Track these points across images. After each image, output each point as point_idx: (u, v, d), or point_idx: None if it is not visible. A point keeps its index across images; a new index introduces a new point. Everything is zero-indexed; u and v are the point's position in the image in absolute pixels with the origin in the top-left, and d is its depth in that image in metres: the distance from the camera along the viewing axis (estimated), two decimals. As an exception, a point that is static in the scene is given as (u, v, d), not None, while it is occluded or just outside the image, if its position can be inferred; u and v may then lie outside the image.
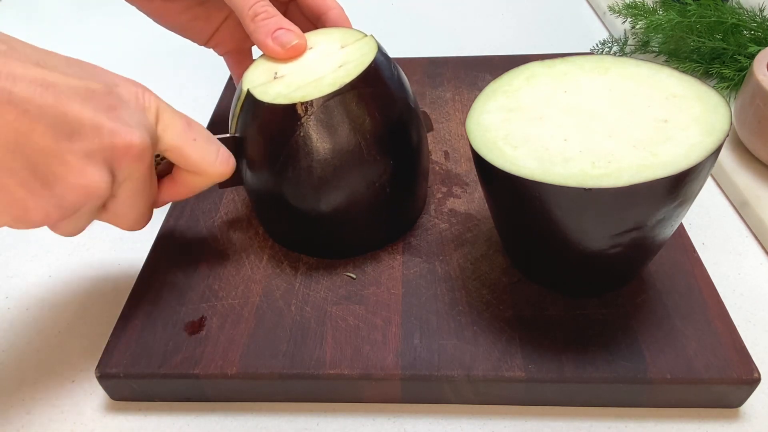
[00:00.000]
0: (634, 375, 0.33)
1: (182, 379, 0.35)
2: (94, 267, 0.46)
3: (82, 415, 0.36)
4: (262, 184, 0.39)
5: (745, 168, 0.49)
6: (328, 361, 0.35)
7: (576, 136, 0.32)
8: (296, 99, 0.35)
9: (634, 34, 0.67)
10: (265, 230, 0.43)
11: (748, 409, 0.35)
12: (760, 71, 0.47)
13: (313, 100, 0.35)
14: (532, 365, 0.34)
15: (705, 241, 0.45)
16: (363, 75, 0.36)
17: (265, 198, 0.40)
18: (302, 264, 0.41)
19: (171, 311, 0.38)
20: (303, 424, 0.35)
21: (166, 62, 0.71)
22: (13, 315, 0.42)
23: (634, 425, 0.34)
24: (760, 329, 0.39)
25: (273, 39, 0.38)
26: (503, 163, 0.31)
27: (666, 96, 0.34)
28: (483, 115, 0.35)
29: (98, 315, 0.42)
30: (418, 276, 0.40)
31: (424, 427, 0.35)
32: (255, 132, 0.37)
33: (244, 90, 0.37)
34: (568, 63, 0.37)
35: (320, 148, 0.36)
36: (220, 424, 0.35)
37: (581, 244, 0.33)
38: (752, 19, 0.59)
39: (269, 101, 0.36)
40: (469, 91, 0.57)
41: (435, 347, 0.35)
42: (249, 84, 0.37)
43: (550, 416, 0.35)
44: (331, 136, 0.36)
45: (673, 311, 0.36)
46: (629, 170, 0.29)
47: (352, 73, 0.36)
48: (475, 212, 0.44)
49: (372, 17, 0.80)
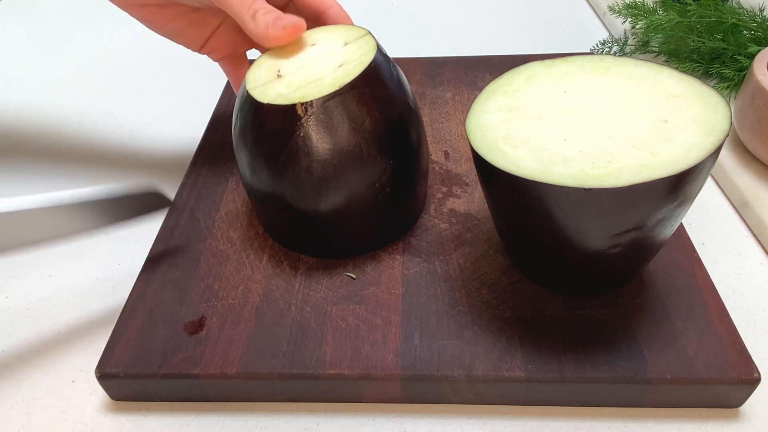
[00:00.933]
0: (634, 375, 0.33)
1: (182, 379, 0.35)
2: (94, 267, 0.46)
3: (82, 415, 0.36)
4: (263, 185, 0.39)
5: (745, 168, 0.49)
6: (328, 361, 0.35)
7: (576, 136, 0.32)
8: (296, 99, 0.35)
9: (634, 34, 0.67)
10: (265, 230, 0.43)
11: (748, 409, 0.35)
12: (760, 71, 0.47)
13: (313, 100, 0.35)
14: (532, 365, 0.34)
15: (705, 241, 0.45)
16: (363, 75, 0.36)
17: (265, 198, 0.40)
18: (302, 264, 0.41)
19: (171, 311, 0.38)
20: (303, 424, 0.35)
21: (166, 62, 0.71)
22: (13, 315, 0.42)
23: (634, 425, 0.34)
24: (760, 329, 0.39)
25: (273, 26, 0.39)
26: (503, 163, 0.31)
27: (666, 96, 0.34)
28: (483, 115, 0.35)
29: (98, 315, 0.42)
30: (418, 276, 0.40)
31: (424, 427, 0.35)
32: (255, 132, 0.37)
33: (245, 90, 0.37)
34: (568, 63, 0.37)
35: (320, 148, 0.36)
36: (220, 424, 0.35)
37: (581, 244, 0.33)
38: (752, 19, 0.59)
39: (269, 102, 0.36)
40: (469, 91, 0.57)
41: (435, 347, 0.35)
42: (250, 84, 0.37)
43: (550, 416, 0.35)
44: (331, 137, 0.36)
45: (673, 311, 0.36)
46: (629, 170, 0.29)
47: (351, 73, 0.36)
48: (475, 212, 0.44)
49: (372, 17, 0.80)
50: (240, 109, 0.38)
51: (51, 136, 0.58)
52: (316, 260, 0.41)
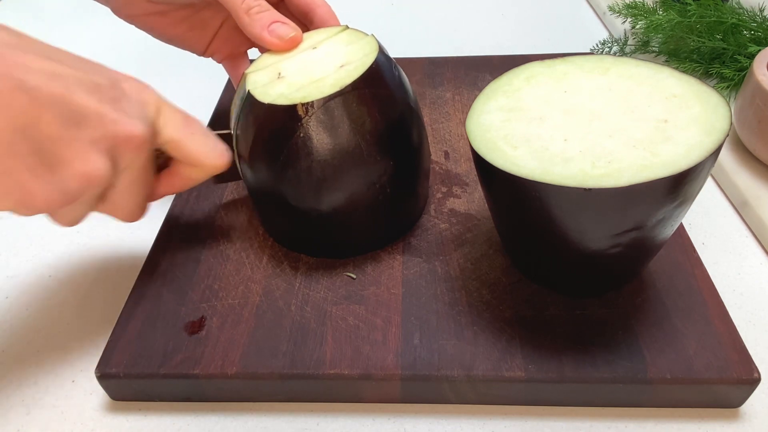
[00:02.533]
0: (634, 375, 0.33)
1: (182, 379, 0.35)
2: (94, 267, 0.46)
3: (82, 415, 0.36)
4: (263, 184, 0.39)
5: (745, 168, 0.49)
6: (328, 361, 0.35)
7: (576, 136, 0.32)
8: (297, 100, 0.35)
9: (634, 34, 0.67)
10: (265, 230, 0.43)
11: (748, 409, 0.35)
12: (760, 71, 0.47)
13: (314, 101, 0.35)
14: (532, 365, 0.34)
15: (705, 241, 0.45)
16: (364, 76, 0.36)
17: (266, 198, 0.40)
18: (302, 264, 0.41)
19: (171, 311, 0.38)
20: (303, 424, 0.35)
21: (166, 62, 0.71)
22: (13, 315, 0.42)
23: (634, 425, 0.34)
24: (760, 329, 0.39)
25: (269, 32, 0.39)
26: (503, 163, 0.31)
27: (666, 96, 0.34)
28: (483, 115, 0.35)
29: (98, 315, 0.42)
30: (418, 276, 0.40)
31: (424, 427, 0.35)
32: (256, 132, 0.37)
33: (246, 90, 0.37)
34: (568, 63, 0.37)
35: (321, 148, 0.36)
36: (220, 424, 0.35)
37: (581, 244, 0.33)
38: (752, 19, 0.59)
39: (270, 102, 0.36)
40: (469, 91, 0.57)
41: (435, 347, 0.35)
42: (251, 85, 0.37)
43: (550, 416, 0.35)
44: (332, 137, 0.36)
45: (673, 311, 0.36)
46: (629, 170, 0.29)
47: (353, 74, 0.36)
48: (475, 212, 0.44)
49: (372, 17, 0.80)
50: (241, 109, 0.38)
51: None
52: (316, 260, 0.41)
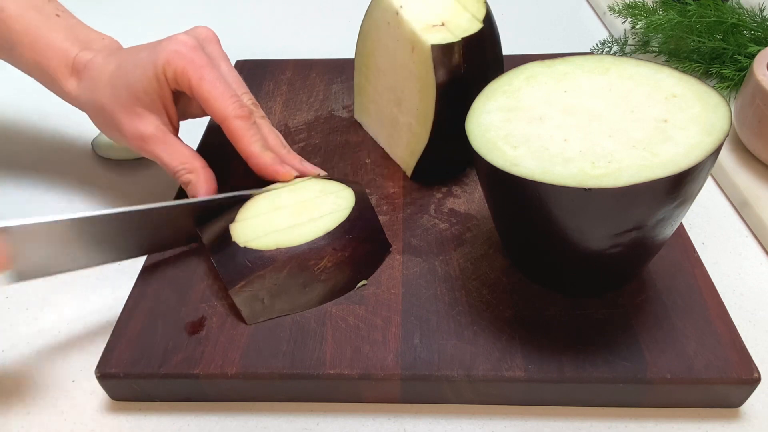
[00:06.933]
0: (634, 375, 0.33)
1: (182, 379, 0.35)
2: (94, 267, 0.45)
3: (82, 415, 0.36)
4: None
5: (745, 168, 0.49)
6: (328, 361, 0.35)
7: (576, 136, 0.32)
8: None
9: (634, 34, 0.67)
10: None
11: (748, 409, 0.35)
12: (760, 71, 0.47)
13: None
14: (532, 365, 0.34)
15: (705, 241, 0.45)
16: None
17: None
18: (302, 264, 0.41)
19: (171, 311, 0.38)
20: (303, 424, 0.35)
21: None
22: (13, 315, 0.42)
23: (634, 425, 0.34)
24: (760, 329, 0.39)
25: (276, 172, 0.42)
26: (503, 163, 0.31)
27: (666, 96, 0.34)
28: (483, 115, 0.35)
29: (98, 315, 0.42)
30: (418, 276, 0.40)
31: (424, 427, 0.35)
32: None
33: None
34: (568, 63, 0.37)
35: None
36: (220, 424, 0.35)
37: (581, 244, 0.33)
38: (752, 19, 0.59)
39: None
40: (469, 91, 0.57)
41: (435, 347, 0.35)
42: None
43: (550, 416, 0.35)
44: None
45: (673, 311, 0.36)
46: (629, 170, 0.29)
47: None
48: (475, 212, 0.44)
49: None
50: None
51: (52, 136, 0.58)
52: (316, 260, 0.41)
